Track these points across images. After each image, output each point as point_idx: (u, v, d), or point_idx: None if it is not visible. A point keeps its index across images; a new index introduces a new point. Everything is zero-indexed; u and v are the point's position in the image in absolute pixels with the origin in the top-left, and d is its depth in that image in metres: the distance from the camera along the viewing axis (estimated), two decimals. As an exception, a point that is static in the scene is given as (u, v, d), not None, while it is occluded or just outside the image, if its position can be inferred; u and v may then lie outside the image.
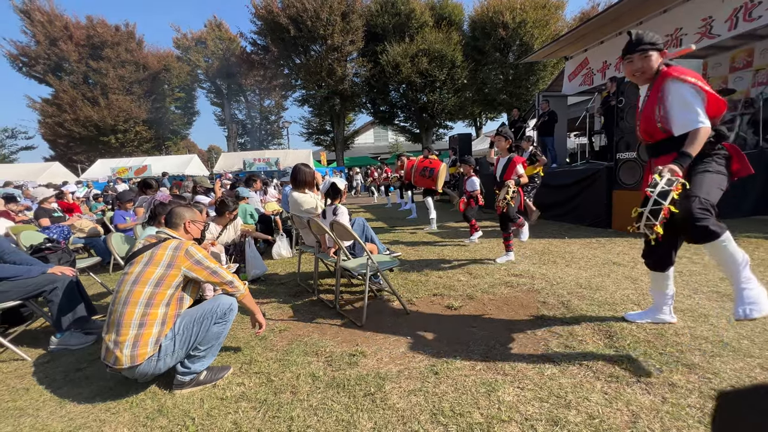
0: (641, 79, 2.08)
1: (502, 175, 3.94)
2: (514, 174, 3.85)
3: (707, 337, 2.10)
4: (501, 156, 4.06)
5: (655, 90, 2.01)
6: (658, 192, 1.76)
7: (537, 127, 9.44)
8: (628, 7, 7.79)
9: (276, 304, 3.28)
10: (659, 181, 1.79)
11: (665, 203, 1.75)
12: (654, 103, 2.01)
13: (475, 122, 28.63)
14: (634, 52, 2.01)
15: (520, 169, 3.87)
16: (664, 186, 1.76)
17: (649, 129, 2.08)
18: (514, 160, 3.89)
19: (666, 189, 1.75)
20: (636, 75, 2.06)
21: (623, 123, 5.20)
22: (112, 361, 1.81)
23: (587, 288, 3.06)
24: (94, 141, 25.59)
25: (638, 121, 2.17)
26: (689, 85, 1.90)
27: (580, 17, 23.36)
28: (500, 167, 4.02)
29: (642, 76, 2.05)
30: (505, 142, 3.95)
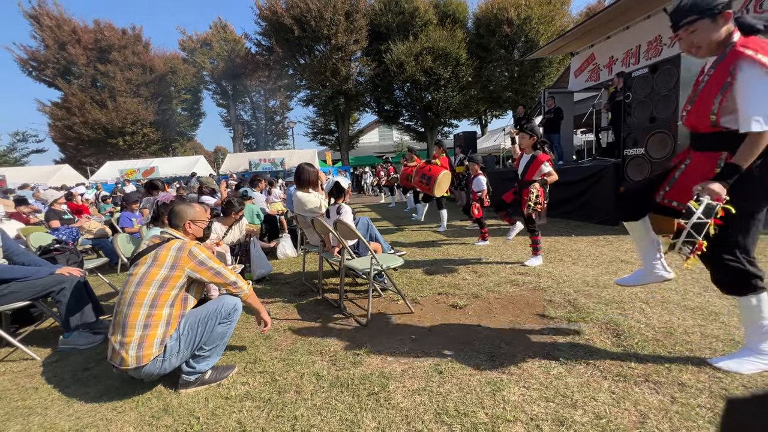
0: (702, 53, 1.65)
1: (524, 173, 3.68)
2: (538, 173, 3.58)
3: (718, 336, 2.06)
4: (525, 152, 3.79)
5: (722, 69, 1.56)
6: (692, 224, 1.50)
7: (543, 124, 9.35)
8: (635, 1, 7.67)
9: (281, 304, 3.29)
10: (695, 210, 1.50)
11: (699, 238, 1.50)
12: (717, 87, 1.57)
13: (480, 120, 28.44)
14: (678, 28, 1.64)
15: (545, 168, 3.56)
16: (701, 216, 1.48)
17: (699, 115, 1.68)
18: (538, 158, 3.59)
19: (703, 221, 1.48)
20: (692, 51, 1.66)
21: (631, 119, 5.12)
22: (118, 362, 1.82)
23: (594, 286, 3.02)
24: (103, 143, 25.93)
25: (692, 100, 1.73)
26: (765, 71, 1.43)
27: (587, 12, 23.09)
28: (522, 165, 3.75)
29: (700, 50, 1.63)
30: (530, 138, 3.69)
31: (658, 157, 4.70)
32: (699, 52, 1.65)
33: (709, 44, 1.59)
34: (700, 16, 1.55)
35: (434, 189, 5.86)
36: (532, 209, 3.51)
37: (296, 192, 3.67)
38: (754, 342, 1.71)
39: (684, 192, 1.76)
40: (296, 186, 3.74)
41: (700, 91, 1.67)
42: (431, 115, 22.60)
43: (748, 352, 1.73)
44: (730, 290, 1.68)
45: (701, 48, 1.62)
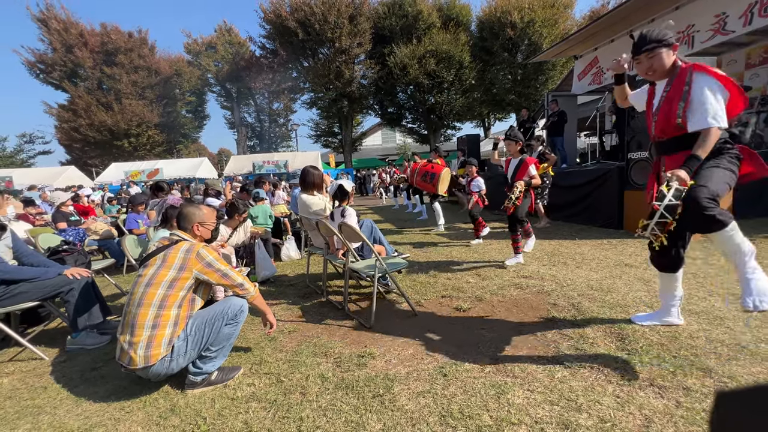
0: (656, 77, 2.02)
1: (514, 176, 3.90)
2: (526, 175, 3.81)
3: (723, 340, 2.06)
4: (513, 157, 4.02)
5: (678, 83, 1.92)
6: (665, 206, 1.73)
7: (546, 127, 9.35)
8: (638, 5, 7.68)
9: (285, 306, 3.31)
10: (666, 193, 1.74)
11: (671, 218, 1.72)
12: (677, 98, 1.91)
13: (484, 123, 28.47)
14: (640, 52, 1.96)
15: (532, 170, 3.82)
16: (671, 199, 1.72)
17: (665, 125, 2.00)
18: (526, 161, 3.84)
19: (673, 203, 1.72)
20: (649, 74, 2.00)
21: (635, 122, 5.12)
22: (127, 362, 1.85)
23: (598, 290, 3.02)
24: (108, 145, 26.16)
25: (654, 117, 2.07)
26: (715, 79, 1.83)
27: (590, 16, 23.08)
28: (511, 168, 3.98)
29: (655, 74, 1.99)
30: (515, 144, 3.93)
31: (662, 161, 4.70)
32: (654, 75, 2.00)
33: (663, 68, 1.96)
34: (659, 44, 1.91)
35: (438, 185, 5.94)
36: (513, 203, 3.73)
37: (301, 194, 3.70)
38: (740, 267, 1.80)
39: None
40: (301, 188, 3.77)
41: (660, 106, 2.01)
42: (434, 118, 22.65)
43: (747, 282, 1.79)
44: (709, 228, 1.77)
45: (656, 71, 1.98)
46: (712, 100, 1.80)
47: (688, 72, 1.89)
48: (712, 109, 1.80)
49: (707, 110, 1.80)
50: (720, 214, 1.72)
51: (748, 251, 1.78)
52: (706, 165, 1.87)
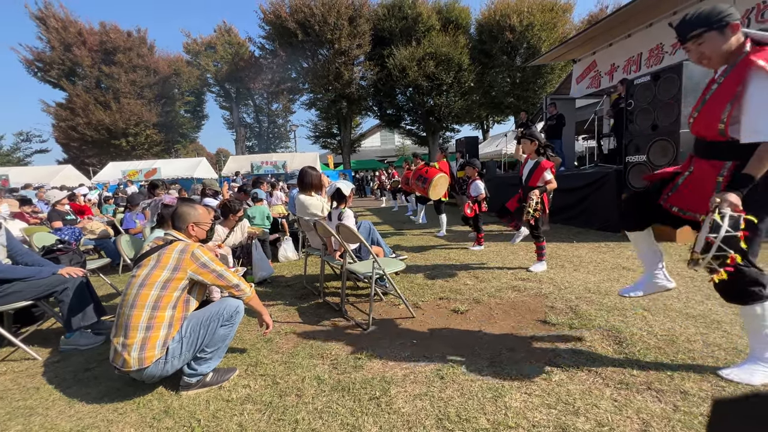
0: (712, 64, 1.66)
1: (528, 179, 3.71)
2: (541, 180, 3.60)
3: (720, 344, 2.06)
4: (529, 158, 3.80)
5: (732, 79, 1.56)
6: (722, 237, 1.43)
7: (545, 130, 9.37)
8: (637, 10, 7.73)
9: (282, 306, 3.29)
10: (722, 223, 1.44)
11: (731, 252, 1.44)
12: (728, 96, 1.56)
13: (482, 125, 28.55)
14: (686, 40, 1.64)
15: (547, 175, 3.59)
16: (729, 229, 1.43)
17: (707, 123, 1.67)
18: (542, 165, 3.61)
19: (731, 234, 1.43)
20: (703, 62, 1.66)
21: (633, 126, 5.14)
22: (121, 364, 1.82)
23: (596, 293, 3.02)
24: (106, 144, 26.06)
25: (698, 108, 1.72)
26: None
27: (588, 20, 23.21)
28: (526, 171, 3.77)
29: (711, 62, 1.64)
30: (531, 144, 3.70)
31: (659, 165, 4.71)
32: (710, 63, 1.65)
33: (719, 55, 1.59)
34: (707, 28, 1.56)
35: (429, 191, 5.84)
36: (532, 216, 3.51)
37: (299, 195, 3.69)
38: (759, 351, 1.71)
39: (686, 199, 1.82)
40: (299, 189, 3.76)
41: (708, 99, 1.66)
42: (433, 120, 22.68)
43: (755, 361, 1.73)
44: (733, 299, 1.67)
45: (711, 59, 1.63)
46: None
47: (747, 66, 1.49)
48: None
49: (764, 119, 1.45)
50: (758, 285, 1.56)
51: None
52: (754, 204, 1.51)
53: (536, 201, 3.47)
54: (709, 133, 1.67)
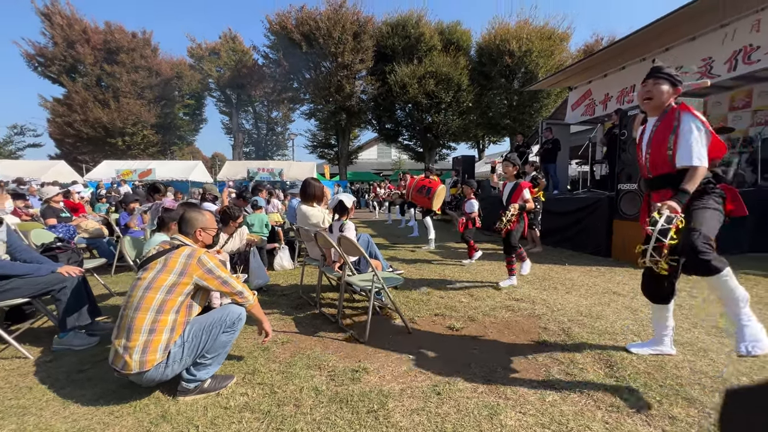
0: (649, 107, 2.15)
1: (509, 199, 4.01)
2: (521, 199, 3.92)
3: (707, 372, 2.13)
4: (508, 181, 4.15)
5: (668, 120, 2.07)
6: (658, 230, 1.84)
7: (540, 153, 9.60)
8: (631, 45, 8.08)
9: (278, 316, 3.29)
10: (658, 219, 1.86)
11: (665, 240, 1.83)
12: (667, 132, 2.06)
13: (478, 145, 29.04)
14: (650, 77, 2.11)
15: (526, 194, 3.94)
16: (663, 224, 1.84)
17: (657, 159, 2.12)
18: (521, 185, 3.97)
19: (666, 227, 1.83)
20: (645, 101, 2.14)
21: (625, 155, 5.33)
22: (121, 366, 1.83)
23: (588, 316, 3.09)
24: (101, 142, 25.87)
25: (646, 151, 2.19)
26: (701, 123, 1.99)
27: (584, 50, 24.05)
28: (507, 192, 4.10)
29: (650, 103, 2.13)
30: (512, 168, 4.05)
31: (650, 194, 4.88)
32: (648, 103, 2.14)
33: (658, 98, 2.10)
34: (666, 77, 2.09)
35: (433, 201, 6.04)
36: (505, 225, 3.78)
37: (301, 205, 3.74)
38: (735, 313, 1.93)
39: None
40: (301, 199, 3.81)
41: (651, 141, 2.15)
42: (431, 137, 23.02)
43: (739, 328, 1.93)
44: (705, 272, 1.88)
45: (652, 100, 2.11)
46: (697, 139, 1.96)
47: (676, 111, 2.06)
48: (697, 148, 1.96)
49: (692, 149, 1.96)
50: (715, 259, 1.83)
51: (743, 298, 1.89)
52: (696, 206, 1.99)
53: (512, 213, 3.76)
54: (660, 163, 2.11)
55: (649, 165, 2.20)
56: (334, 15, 20.63)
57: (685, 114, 2.02)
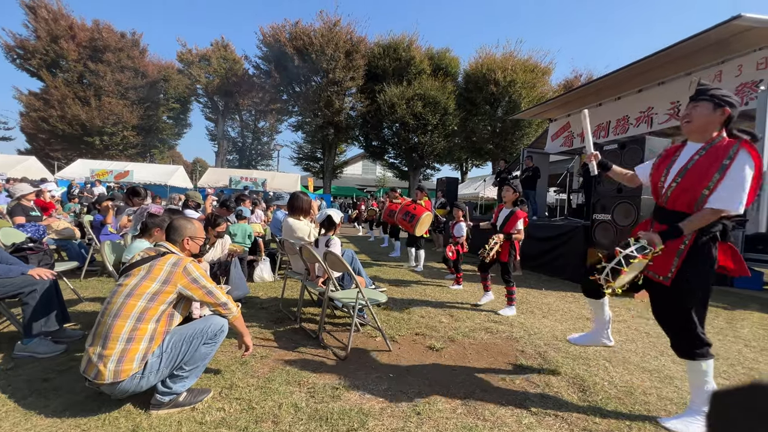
0: (688, 129, 1.87)
1: (503, 226, 3.96)
2: (514, 228, 3.90)
3: (672, 399, 2.24)
4: (505, 206, 4.09)
5: (717, 152, 1.76)
6: (624, 254, 1.79)
7: (522, 180, 9.94)
8: (607, 84, 8.62)
9: (257, 329, 3.24)
10: (632, 244, 1.81)
11: (625, 268, 1.77)
12: (715, 165, 1.74)
13: (462, 167, 29.73)
14: (692, 99, 1.84)
15: (519, 225, 3.91)
16: (633, 251, 1.79)
17: (685, 195, 1.83)
18: (516, 214, 3.92)
19: (633, 254, 1.77)
20: (684, 122, 1.88)
21: (600, 187, 5.61)
22: (93, 375, 1.76)
23: (563, 341, 3.18)
24: (77, 140, 24.97)
25: (674, 179, 1.88)
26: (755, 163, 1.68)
27: (564, 85, 25.36)
28: (501, 217, 4.04)
29: (689, 125, 1.85)
30: (512, 193, 3.99)
31: (622, 225, 5.14)
32: (688, 126, 1.86)
33: (699, 122, 1.81)
34: (708, 99, 1.78)
35: (416, 227, 6.04)
36: (487, 253, 3.81)
37: (287, 218, 3.74)
38: (698, 404, 1.92)
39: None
40: (288, 212, 3.81)
41: (688, 170, 1.83)
42: (416, 157, 23.42)
43: (693, 414, 1.93)
44: (684, 354, 1.90)
45: (691, 123, 1.84)
46: (748, 183, 1.68)
47: (734, 146, 1.72)
48: (745, 191, 1.68)
49: (742, 191, 1.68)
50: (704, 345, 1.83)
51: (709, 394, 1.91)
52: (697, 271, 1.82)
53: (496, 242, 3.81)
54: (687, 200, 1.82)
55: (670, 195, 1.89)
56: (328, 32, 21.05)
57: (744, 152, 1.69)
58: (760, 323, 3.94)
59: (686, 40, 6.35)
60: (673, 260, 1.85)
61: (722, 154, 1.73)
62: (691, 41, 6.32)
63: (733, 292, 5.37)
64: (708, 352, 1.85)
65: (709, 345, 1.85)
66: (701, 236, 1.82)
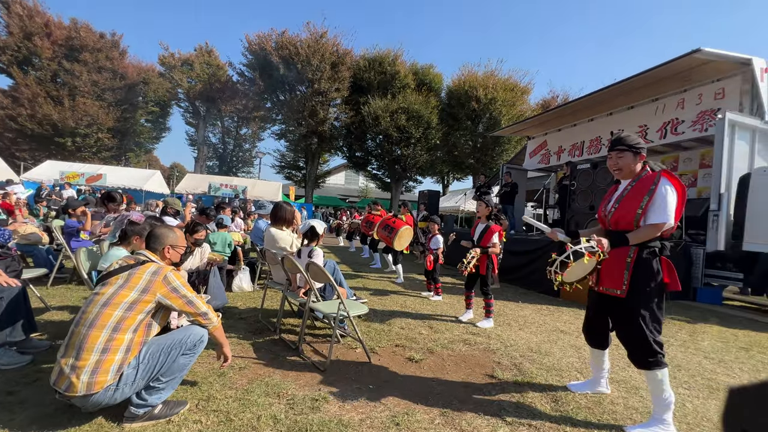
0: (621, 175, 2.23)
1: (480, 240, 4.08)
2: (490, 242, 4.02)
3: (637, 408, 2.36)
4: (480, 221, 4.22)
5: (645, 181, 2.10)
6: (574, 249, 1.99)
7: (500, 195, 10.24)
8: (582, 106, 9.08)
9: (236, 340, 3.19)
10: (582, 243, 1.98)
11: (572, 261, 1.97)
12: (643, 192, 2.07)
13: (443, 180, 30.25)
14: (612, 149, 2.21)
15: (494, 239, 4.03)
16: (582, 249, 1.96)
17: (623, 216, 2.14)
18: (491, 228, 4.05)
19: (582, 252, 1.95)
20: (615, 170, 2.24)
21: (575, 204, 5.88)
22: (65, 387, 1.70)
23: (537, 353, 3.29)
24: (47, 141, 23.90)
25: (613, 206, 2.21)
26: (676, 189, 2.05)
27: (542, 104, 26.41)
28: (478, 232, 4.16)
29: (620, 172, 2.21)
30: (485, 208, 4.14)
31: (594, 241, 5.38)
32: (619, 173, 2.24)
33: (627, 168, 2.19)
34: (627, 149, 2.17)
35: (395, 241, 6.10)
36: (465, 267, 3.93)
37: (270, 228, 3.73)
38: (659, 412, 2.06)
39: (604, 279, 2.23)
40: (271, 222, 3.80)
41: (623, 198, 2.19)
42: (398, 169, 23.69)
43: (656, 423, 2.06)
44: (641, 365, 2.07)
45: (621, 170, 2.22)
46: (672, 201, 2.02)
47: (657, 176, 2.09)
48: (671, 207, 2.01)
49: (668, 207, 2.01)
50: (660, 357, 1.99)
51: (668, 403, 2.03)
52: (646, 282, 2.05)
53: (473, 256, 3.94)
54: (625, 221, 2.15)
55: (611, 219, 2.23)
56: (315, 44, 21.23)
57: (665, 179, 2.07)
58: (719, 336, 4.18)
59: (651, 70, 6.82)
60: (623, 274, 2.11)
61: (649, 183, 2.10)
62: (656, 70, 6.79)
63: (695, 306, 5.67)
64: (662, 361, 2.02)
65: (663, 355, 2.02)
66: (642, 251, 2.09)
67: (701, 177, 8.70)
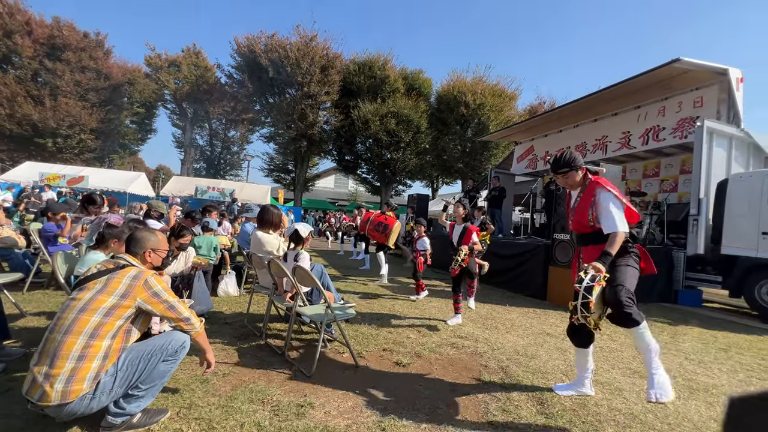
0: (571, 189, 2.57)
1: (459, 241, 4.22)
2: (471, 242, 4.17)
3: (620, 409, 2.39)
4: (456, 223, 4.38)
5: (587, 194, 2.41)
6: (584, 287, 2.05)
7: (488, 199, 10.34)
8: (567, 112, 9.26)
9: (221, 346, 3.13)
10: (584, 278, 2.08)
11: (591, 297, 2.02)
12: (587, 205, 2.38)
13: (432, 184, 30.43)
14: (557, 173, 2.50)
15: (475, 238, 4.21)
16: (588, 282, 2.05)
17: (581, 223, 2.45)
18: (470, 229, 4.22)
19: (590, 284, 2.04)
20: (567, 187, 2.58)
21: (560, 209, 5.96)
22: (38, 397, 1.63)
23: (524, 356, 3.31)
24: (27, 141, 23.26)
25: (571, 215, 2.54)
26: (613, 196, 2.31)
27: (529, 110, 26.86)
28: (456, 234, 4.31)
29: (572, 187, 2.54)
30: (462, 210, 4.30)
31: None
32: (571, 188, 2.57)
33: (574, 183, 2.50)
34: (570, 169, 2.44)
35: (390, 237, 6.18)
36: (458, 265, 4.07)
37: (256, 231, 3.68)
38: (647, 361, 2.19)
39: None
40: (258, 225, 3.76)
41: (575, 208, 2.50)
42: (388, 173, 23.76)
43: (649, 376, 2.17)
44: (626, 324, 2.15)
45: (572, 186, 2.53)
46: (615, 210, 2.28)
47: (593, 187, 2.38)
48: (618, 217, 2.27)
49: (614, 218, 2.26)
50: (636, 314, 2.09)
51: (654, 349, 2.15)
52: (619, 263, 2.26)
53: (464, 254, 4.08)
54: (584, 228, 2.46)
55: (573, 226, 2.59)
56: (304, 47, 21.20)
57: (599, 189, 2.35)
58: (699, 338, 4.28)
59: (633, 78, 7.00)
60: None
61: (590, 194, 2.40)
62: (638, 79, 6.98)
63: (676, 309, 5.81)
64: (641, 317, 2.13)
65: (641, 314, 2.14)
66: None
67: (682, 182, 8.96)
